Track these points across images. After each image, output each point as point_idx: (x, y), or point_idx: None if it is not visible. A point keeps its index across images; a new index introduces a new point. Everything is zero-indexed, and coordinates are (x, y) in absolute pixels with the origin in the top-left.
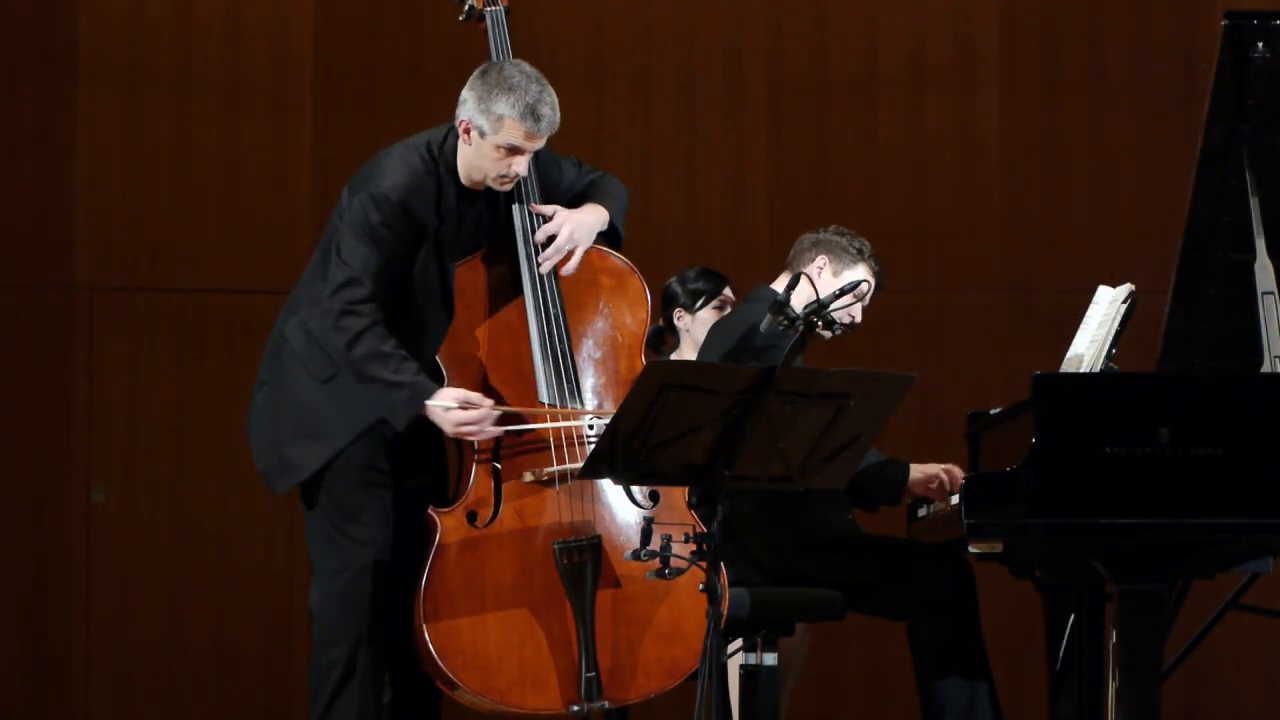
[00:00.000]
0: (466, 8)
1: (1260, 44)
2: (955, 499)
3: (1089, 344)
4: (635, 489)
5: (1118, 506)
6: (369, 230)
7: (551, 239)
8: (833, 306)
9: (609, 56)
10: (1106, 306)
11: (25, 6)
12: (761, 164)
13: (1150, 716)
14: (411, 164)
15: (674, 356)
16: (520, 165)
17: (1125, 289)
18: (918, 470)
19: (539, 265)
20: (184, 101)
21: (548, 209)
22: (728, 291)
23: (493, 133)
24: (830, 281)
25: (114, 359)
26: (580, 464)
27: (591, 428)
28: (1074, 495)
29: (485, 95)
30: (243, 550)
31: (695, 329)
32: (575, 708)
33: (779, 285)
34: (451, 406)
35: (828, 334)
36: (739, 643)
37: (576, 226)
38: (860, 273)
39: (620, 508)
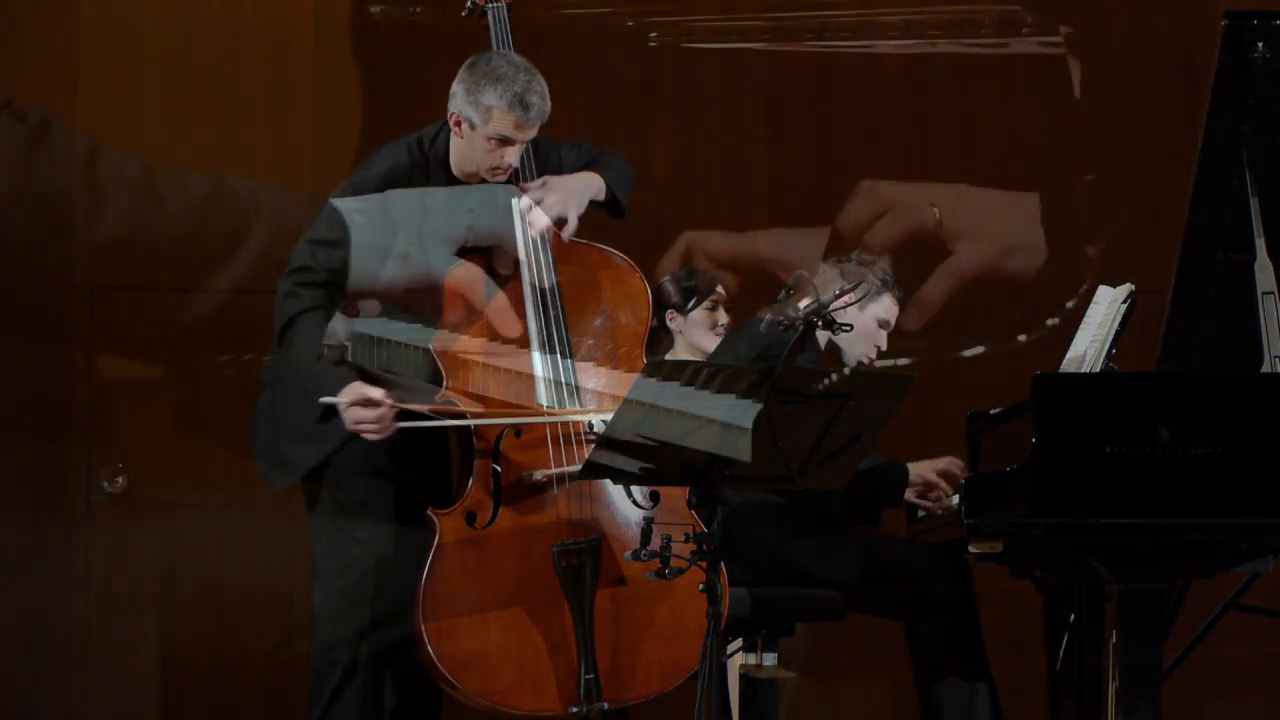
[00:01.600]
0: (469, 4)
1: (1260, 44)
2: (955, 499)
3: (1089, 344)
4: (636, 489)
5: (1118, 506)
6: (342, 216)
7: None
8: (833, 306)
9: (609, 56)
10: (1106, 306)
11: (25, 5)
12: (761, 164)
13: (1150, 716)
14: (397, 157)
15: (668, 358)
16: (512, 156)
17: (1125, 289)
18: (917, 470)
19: (528, 228)
20: (184, 101)
21: (534, 182)
22: (720, 290)
23: (482, 124)
24: (857, 315)
25: (114, 359)
26: (580, 465)
27: (592, 427)
28: (1074, 495)
29: (473, 87)
30: (243, 550)
31: (689, 330)
32: (574, 709)
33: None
34: (348, 404)
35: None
36: (739, 643)
37: (560, 187)
38: (885, 303)
39: (621, 508)
